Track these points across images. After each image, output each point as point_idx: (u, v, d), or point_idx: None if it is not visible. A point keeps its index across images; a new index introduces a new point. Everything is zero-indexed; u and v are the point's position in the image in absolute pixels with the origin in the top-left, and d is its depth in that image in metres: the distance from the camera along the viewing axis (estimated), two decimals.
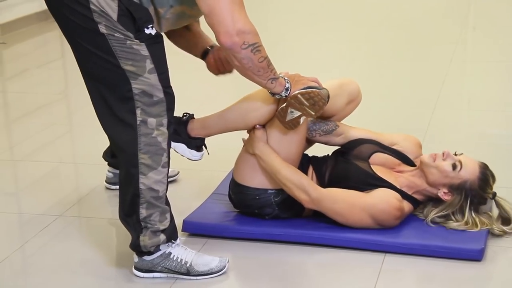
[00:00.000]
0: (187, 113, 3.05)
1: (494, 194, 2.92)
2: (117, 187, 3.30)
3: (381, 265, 2.75)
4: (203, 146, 3.05)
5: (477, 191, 2.87)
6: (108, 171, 3.40)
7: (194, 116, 3.04)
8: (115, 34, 2.46)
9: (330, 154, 3.08)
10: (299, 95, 2.73)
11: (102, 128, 2.68)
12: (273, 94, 2.76)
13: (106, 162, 3.41)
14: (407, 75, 5.29)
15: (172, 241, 2.66)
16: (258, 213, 2.95)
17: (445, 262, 2.75)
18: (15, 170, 3.81)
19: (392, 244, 2.81)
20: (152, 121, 2.54)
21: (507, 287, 2.66)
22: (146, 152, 2.55)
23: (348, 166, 2.94)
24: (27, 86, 5.20)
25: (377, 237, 2.82)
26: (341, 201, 2.82)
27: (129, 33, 2.47)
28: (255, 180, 2.92)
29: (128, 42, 2.47)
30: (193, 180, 3.50)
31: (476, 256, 2.75)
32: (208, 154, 3.08)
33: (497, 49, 5.91)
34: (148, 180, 2.57)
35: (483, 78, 5.19)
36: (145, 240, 2.62)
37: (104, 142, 2.96)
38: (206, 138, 3.03)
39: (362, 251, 2.82)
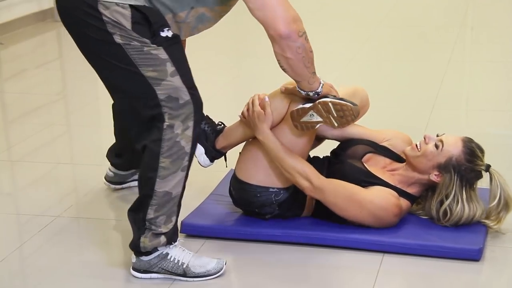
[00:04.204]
0: (221, 123, 3.06)
1: (488, 167, 2.88)
2: (116, 186, 3.32)
3: (380, 265, 2.75)
4: (224, 159, 3.08)
5: (465, 165, 2.84)
6: (110, 170, 3.36)
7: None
8: (131, 43, 2.44)
9: (327, 155, 3.07)
10: (330, 103, 2.70)
11: (112, 131, 2.65)
12: (304, 91, 2.73)
13: (109, 162, 3.36)
14: (405, 75, 5.29)
15: (172, 242, 2.66)
16: (258, 212, 2.94)
17: (444, 262, 2.75)
18: (13, 170, 3.81)
19: (391, 244, 2.81)
20: (178, 125, 2.52)
21: (505, 286, 2.66)
22: (168, 156, 2.54)
23: (342, 165, 2.95)
24: (25, 87, 5.19)
25: (376, 237, 2.82)
26: (342, 192, 2.82)
27: (145, 39, 2.45)
28: (257, 177, 2.91)
29: (146, 48, 2.45)
30: (192, 180, 3.47)
31: (474, 256, 2.75)
32: (226, 167, 3.10)
33: (495, 49, 5.91)
34: (164, 183, 2.56)
35: (481, 78, 5.19)
36: (146, 242, 2.62)
37: (102, 142, 2.96)
38: (226, 153, 3.07)
39: (360, 251, 2.82)
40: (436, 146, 2.87)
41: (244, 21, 6.18)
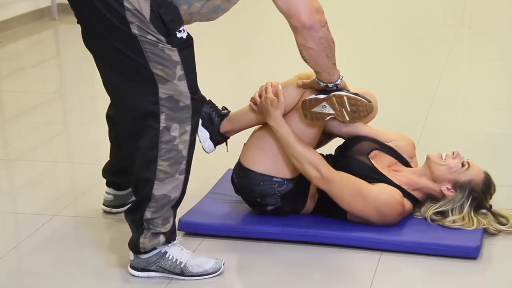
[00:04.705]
0: (225, 108, 3.03)
1: (490, 207, 2.94)
2: (118, 210, 3.12)
3: (377, 263, 2.75)
4: (225, 144, 3.04)
5: (479, 193, 2.90)
6: (107, 192, 3.13)
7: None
8: (147, 36, 2.40)
9: (330, 153, 3.07)
10: (345, 97, 2.71)
11: (108, 127, 2.62)
12: (323, 82, 2.73)
13: (106, 182, 3.14)
14: (403, 74, 5.29)
15: (171, 241, 2.65)
16: (260, 202, 2.93)
17: (441, 260, 2.75)
18: (10, 169, 3.80)
19: (389, 242, 2.81)
20: (175, 127, 2.49)
21: (502, 285, 2.66)
22: (166, 159, 2.52)
23: (349, 160, 2.95)
24: (23, 85, 5.19)
25: (374, 234, 2.82)
26: (349, 185, 2.82)
27: (161, 37, 2.42)
28: (262, 165, 2.89)
29: (160, 45, 2.42)
30: (190, 178, 3.48)
31: (472, 253, 2.75)
32: (227, 151, 3.07)
33: (493, 48, 5.92)
34: (162, 186, 2.55)
35: (479, 77, 5.19)
36: (145, 242, 2.61)
37: (100, 141, 2.95)
38: (229, 137, 3.03)
39: (358, 249, 2.82)
40: (463, 164, 2.91)
41: (244, 20, 6.18)
